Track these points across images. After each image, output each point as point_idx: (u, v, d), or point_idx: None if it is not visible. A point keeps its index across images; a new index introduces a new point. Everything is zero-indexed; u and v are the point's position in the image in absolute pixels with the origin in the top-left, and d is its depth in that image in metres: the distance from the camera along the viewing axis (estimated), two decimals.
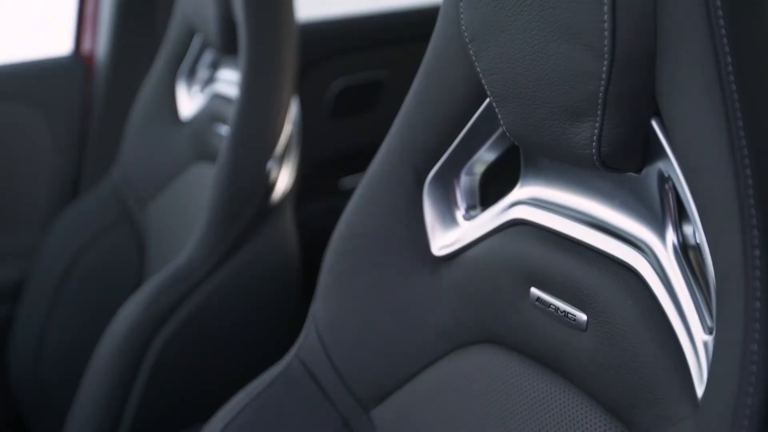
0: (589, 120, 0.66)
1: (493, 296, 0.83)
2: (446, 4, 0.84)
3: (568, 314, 0.74)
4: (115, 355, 1.25)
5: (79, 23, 1.96)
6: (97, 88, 1.93)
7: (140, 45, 1.92)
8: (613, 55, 0.62)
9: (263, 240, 1.36)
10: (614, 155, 0.67)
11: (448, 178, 0.88)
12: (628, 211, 0.72)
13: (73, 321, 1.68)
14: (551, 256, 0.77)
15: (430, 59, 0.86)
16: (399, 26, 2.20)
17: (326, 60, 2.04)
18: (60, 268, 1.68)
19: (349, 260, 0.94)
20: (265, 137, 1.32)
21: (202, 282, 1.30)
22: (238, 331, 1.36)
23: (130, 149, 1.71)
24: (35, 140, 1.88)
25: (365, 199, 0.93)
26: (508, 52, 0.72)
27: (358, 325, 0.93)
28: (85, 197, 1.77)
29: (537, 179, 0.81)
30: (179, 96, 1.62)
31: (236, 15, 1.35)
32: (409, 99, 0.89)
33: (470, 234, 0.86)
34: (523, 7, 0.69)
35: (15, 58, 1.91)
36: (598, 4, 0.62)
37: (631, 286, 0.70)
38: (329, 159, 2.13)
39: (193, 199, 1.53)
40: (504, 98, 0.74)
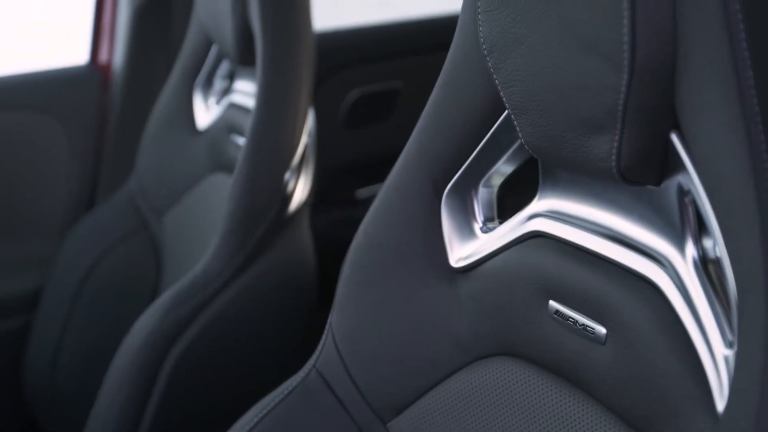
0: (608, 133, 0.66)
1: (511, 309, 0.83)
2: (464, 16, 0.84)
3: (587, 327, 0.74)
4: (131, 365, 1.25)
5: (96, 33, 1.97)
6: (113, 98, 1.93)
7: (157, 55, 1.93)
8: (632, 68, 0.62)
9: (279, 250, 1.36)
10: (633, 168, 0.67)
11: (466, 190, 0.88)
12: (647, 224, 0.72)
13: (89, 330, 1.68)
14: (570, 269, 0.76)
15: (449, 70, 0.87)
16: (414, 36, 2.21)
17: (341, 70, 2.04)
18: (76, 277, 1.68)
19: (367, 271, 0.94)
20: (282, 148, 1.33)
21: (218, 293, 1.30)
22: (254, 342, 1.37)
23: (146, 159, 1.71)
24: (52, 150, 1.88)
25: (383, 210, 0.93)
26: (526, 64, 0.72)
27: (376, 336, 0.93)
28: (101, 207, 1.77)
29: (555, 191, 0.80)
30: (196, 106, 1.63)
31: (253, 26, 1.35)
32: (427, 110, 0.89)
33: (488, 246, 0.86)
34: (542, 19, 0.69)
35: (32, 67, 1.92)
36: (618, 17, 0.62)
37: (651, 299, 0.70)
38: (344, 169, 2.13)
39: (210, 210, 1.53)
40: (523, 110, 0.74)
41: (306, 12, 1.36)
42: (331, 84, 2.01)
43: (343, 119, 2.06)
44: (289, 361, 1.38)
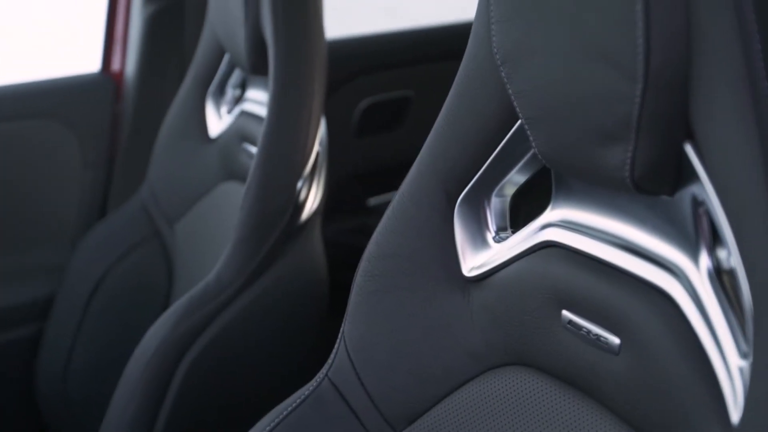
0: (622, 142, 0.66)
1: (524, 318, 0.82)
2: (477, 26, 0.85)
3: (600, 337, 0.74)
4: (144, 373, 1.25)
5: (108, 41, 1.98)
6: (125, 106, 1.94)
7: (169, 63, 1.93)
8: (646, 77, 0.62)
9: (291, 259, 1.36)
10: (647, 178, 0.67)
11: (479, 200, 0.88)
12: (660, 234, 0.72)
13: (101, 338, 1.69)
14: (583, 279, 0.76)
15: (462, 80, 0.87)
16: (425, 45, 2.21)
17: (353, 79, 2.05)
18: (88, 285, 1.69)
19: (379, 281, 0.94)
20: (295, 157, 1.33)
21: (230, 301, 1.30)
22: (266, 350, 1.37)
23: (158, 167, 1.72)
24: (64, 158, 1.89)
25: (395, 220, 0.93)
26: (540, 74, 0.72)
27: (388, 345, 0.93)
28: (113, 215, 1.78)
29: (568, 201, 0.80)
30: (208, 115, 1.63)
31: (265, 35, 1.36)
32: (440, 120, 0.89)
33: (501, 256, 0.86)
34: (555, 29, 0.69)
35: (44, 75, 1.93)
36: (631, 26, 0.62)
37: (664, 310, 0.70)
38: (355, 177, 2.13)
39: (221, 218, 1.54)
40: (536, 120, 0.74)
41: (318, 21, 1.37)
42: (342, 92, 2.01)
43: (354, 128, 2.07)
44: (300, 369, 1.39)
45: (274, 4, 1.31)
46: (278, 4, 1.31)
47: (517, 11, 0.73)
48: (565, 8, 0.68)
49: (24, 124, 1.85)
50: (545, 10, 0.70)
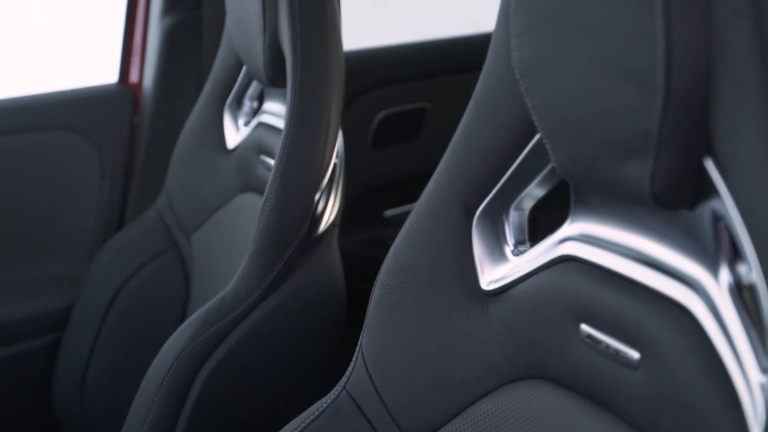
0: (642, 157, 0.66)
1: (543, 332, 0.82)
2: (496, 40, 0.85)
3: (619, 352, 0.74)
4: (162, 385, 1.25)
5: (126, 53, 1.99)
6: (143, 118, 1.95)
7: (187, 75, 1.94)
8: (667, 92, 0.62)
9: (309, 271, 1.36)
10: (667, 192, 0.67)
11: (497, 213, 0.89)
12: (680, 248, 0.71)
13: (118, 348, 1.69)
14: (602, 293, 0.76)
15: (480, 93, 0.87)
16: (441, 57, 2.21)
17: (369, 91, 2.05)
18: (106, 296, 1.70)
19: (397, 294, 0.94)
20: (312, 169, 1.33)
21: (248, 312, 1.30)
22: (283, 361, 1.37)
23: (175, 179, 1.73)
24: (82, 168, 1.90)
25: (414, 233, 0.94)
26: (559, 88, 0.72)
27: (406, 358, 0.93)
28: (131, 226, 1.79)
29: (587, 215, 0.80)
30: (226, 127, 1.64)
31: (283, 48, 1.36)
32: (459, 133, 0.90)
33: (519, 269, 0.86)
34: (575, 44, 0.69)
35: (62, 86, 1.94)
36: (652, 41, 0.62)
37: (684, 325, 0.70)
38: (372, 189, 2.13)
39: (238, 229, 1.54)
40: (555, 134, 0.74)
41: (336, 33, 1.37)
42: (358, 104, 2.02)
43: (370, 139, 2.07)
44: (317, 380, 1.39)
45: (292, 17, 1.31)
46: (296, 16, 1.31)
47: (536, 25, 0.73)
48: (585, 22, 0.68)
49: (42, 136, 1.86)
50: (565, 24, 0.70)
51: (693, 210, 0.69)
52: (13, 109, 1.84)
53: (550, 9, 0.71)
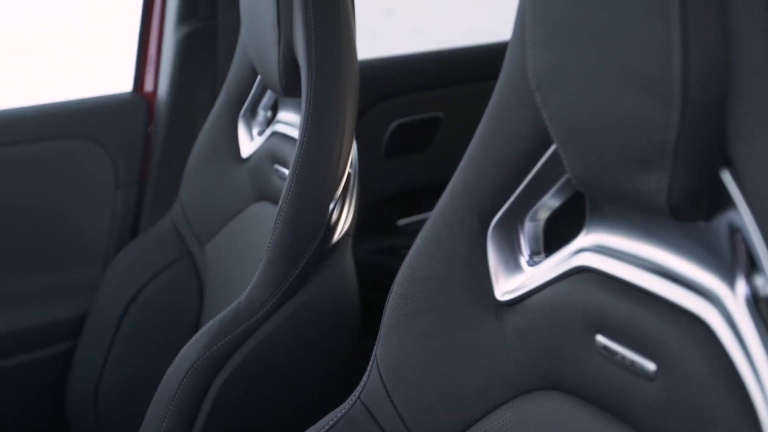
0: (658, 169, 0.66)
1: (558, 343, 0.82)
2: (512, 50, 0.85)
3: (635, 363, 0.74)
4: (177, 394, 1.26)
5: (140, 62, 2.00)
6: (157, 126, 1.95)
7: (201, 84, 1.95)
8: (684, 104, 0.62)
9: (323, 280, 1.36)
10: (683, 204, 0.67)
11: (512, 224, 0.89)
12: (696, 260, 0.71)
13: (132, 357, 1.70)
14: (617, 304, 0.76)
15: (496, 104, 0.87)
16: (454, 66, 2.22)
17: (382, 100, 2.06)
18: (120, 305, 1.70)
19: (412, 303, 0.94)
20: (327, 179, 1.33)
21: (262, 322, 1.30)
22: (298, 371, 1.37)
23: (190, 187, 1.73)
24: (97, 177, 1.91)
25: (428, 243, 0.94)
26: (574, 99, 0.72)
27: (421, 368, 0.93)
28: (145, 235, 1.79)
29: (602, 226, 0.80)
30: (240, 136, 1.64)
31: (298, 57, 1.36)
32: (474, 143, 0.90)
33: (534, 280, 0.86)
34: (590, 55, 0.69)
35: (77, 95, 1.95)
36: (669, 52, 0.62)
37: (700, 336, 0.69)
38: (385, 198, 2.14)
39: (252, 238, 1.55)
40: (570, 145, 0.75)
41: (350, 43, 1.37)
42: (371, 114, 2.02)
43: (383, 149, 2.07)
44: (331, 389, 1.39)
45: (307, 27, 1.32)
46: (311, 27, 1.32)
47: (552, 36, 0.73)
48: (601, 33, 0.68)
49: (57, 144, 1.87)
50: (581, 35, 0.70)
51: (709, 221, 0.69)
52: (29, 118, 1.85)
53: (565, 20, 0.71)
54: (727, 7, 0.62)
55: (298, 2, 1.33)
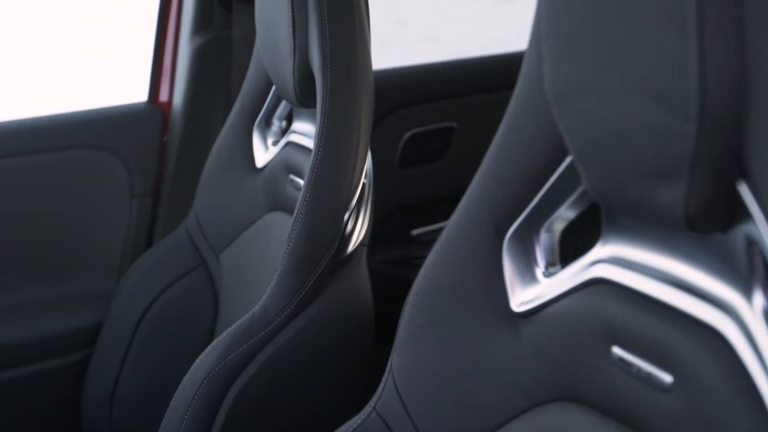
0: (675, 182, 0.66)
1: (574, 354, 0.82)
2: (528, 62, 0.85)
3: (651, 375, 0.74)
4: (192, 404, 1.26)
5: (156, 72, 2.01)
6: (172, 136, 1.96)
7: (216, 94, 1.95)
8: (701, 117, 0.62)
9: (338, 290, 1.37)
10: (700, 216, 0.67)
11: (528, 235, 0.89)
12: (712, 272, 0.71)
13: (146, 367, 1.70)
14: (634, 316, 0.76)
15: (512, 115, 0.87)
16: (468, 76, 2.22)
17: (396, 110, 2.06)
18: (135, 313, 1.71)
19: (427, 314, 0.94)
20: (342, 189, 1.34)
21: (277, 332, 1.31)
22: (312, 380, 1.37)
23: (204, 197, 1.74)
24: (112, 187, 1.92)
25: (444, 253, 0.94)
26: (591, 112, 0.72)
27: (436, 379, 0.93)
28: (160, 244, 1.80)
29: (619, 238, 0.80)
30: (255, 146, 1.65)
31: (313, 68, 1.37)
32: (490, 154, 0.90)
33: (550, 291, 0.86)
34: (607, 67, 0.69)
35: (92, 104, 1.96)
36: (686, 65, 0.62)
37: (717, 348, 0.69)
38: (399, 208, 2.14)
39: (267, 248, 1.55)
40: (587, 157, 0.75)
41: (365, 53, 1.38)
42: (386, 124, 2.03)
43: (397, 159, 2.08)
44: (345, 399, 1.39)
45: (322, 38, 1.32)
46: (326, 37, 1.32)
47: (569, 48, 0.73)
48: (618, 46, 0.68)
49: (72, 154, 1.88)
50: (597, 47, 0.70)
51: (726, 234, 0.69)
52: (44, 128, 1.87)
53: (582, 33, 0.71)
54: (745, 20, 0.62)
55: (313, 13, 1.34)
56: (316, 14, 1.33)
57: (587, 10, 0.70)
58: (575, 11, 0.72)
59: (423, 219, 2.19)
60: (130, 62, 2.31)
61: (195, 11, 1.92)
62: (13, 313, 1.82)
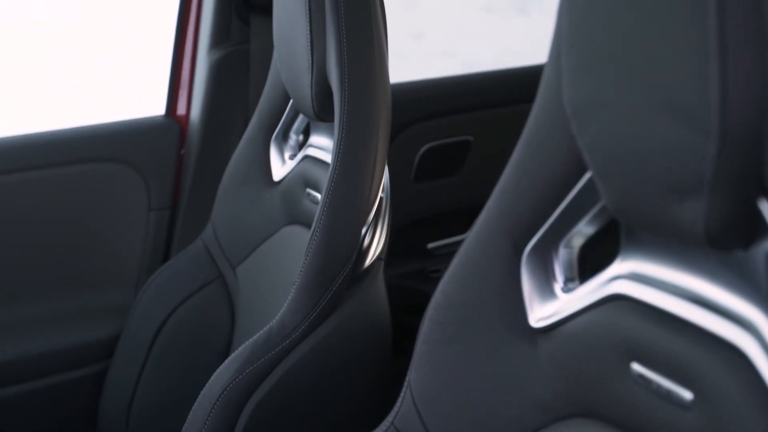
0: (695, 199, 0.66)
1: (592, 370, 0.82)
2: (547, 78, 0.85)
3: (671, 392, 0.74)
4: (209, 417, 1.26)
5: (173, 86, 2.01)
6: (190, 150, 1.97)
7: (234, 108, 1.96)
8: (723, 135, 0.62)
9: (355, 305, 1.37)
10: (721, 233, 0.67)
11: (547, 250, 0.88)
12: (733, 288, 0.71)
13: (163, 379, 1.71)
14: (653, 333, 0.76)
15: (531, 131, 0.87)
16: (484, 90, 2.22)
17: (412, 124, 2.06)
18: (152, 327, 1.71)
19: (445, 329, 0.94)
20: (360, 203, 1.34)
21: (294, 346, 1.31)
22: (329, 394, 1.37)
23: (221, 210, 1.74)
24: (130, 200, 1.92)
25: (462, 269, 0.94)
26: (611, 128, 0.72)
27: (454, 394, 0.93)
28: (177, 257, 1.80)
29: (638, 254, 0.80)
30: (272, 160, 1.66)
31: (331, 82, 1.37)
32: (509, 169, 0.90)
33: (569, 307, 0.86)
34: (628, 83, 0.69)
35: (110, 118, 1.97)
36: (707, 82, 0.62)
37: (737, 365, 0.69)
38: (415, 221, 2.14)
39: (284, 262, 1.55)
40: (606, 173, 0.75)
41: (383, 68, 1.38)
42: (402, 137, 2.03)
43: (414, 172, 2.08)
44: (362, 413, 1.39)
45: (340, 53, 1.33)
46: (344, 52, 1.33)
47: (589, 64, 0.73)
48: (638, 62, 0.68)
49: (90, 167, 1.89)
50: (618, 63, 0.70)
51: (747, 250, 0.69)
52: (63, 141, 1.88)
53: (602, 48, 0.71)
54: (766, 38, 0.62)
55: (331, 28, 1.34)
56: (334, 28, 1.33)
57: (608, 25, 0.70)
58: (595, 27, 0.72)
59: (439, 232, 2.19)
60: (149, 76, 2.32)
61: (213, 25, 1.93)
62: (31, 325, 1.83)
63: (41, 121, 1.99)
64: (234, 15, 1.95)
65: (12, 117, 2.94)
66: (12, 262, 1.83)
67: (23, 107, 3.16)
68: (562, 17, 0.76)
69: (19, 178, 1.82)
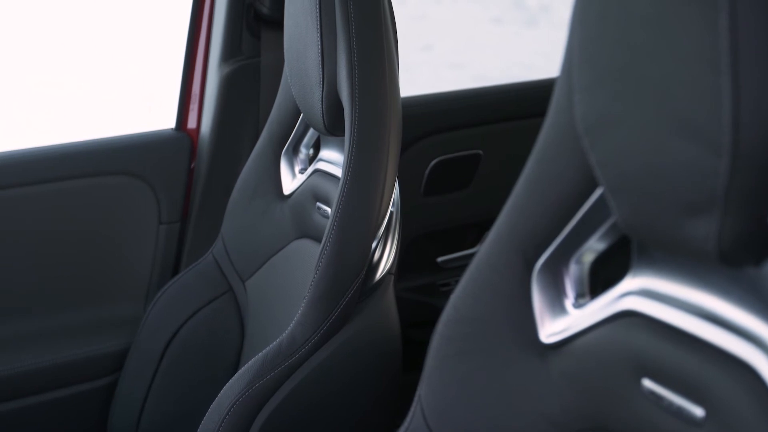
0: (707, 216, 0.66)
1: (603, 386, 0.82)
2: (558, 94, 0.85)
3: (682, 409, 0.73)
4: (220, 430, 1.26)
5: (184, 100, 2.02)
6: (200, 163, 1.97)
7: (244, 122, 1.97)
8: (735, 152, 0.62)
9: (365, 319, 1.37)
10: (733, 250, 0.67)
11: (558, 266, 0.88)
12: (744, 305, 0.71)
13: (173, 392, 1.71)
14: (665, 349, 0.76)
15: (542, 147, 0.87)
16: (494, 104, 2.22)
17: (422, 138, 2.06)
18: (161, 340, 1.71)
19: (456, 345, 0.94)
20: (370, 217, 1.34)
21: (304, 360, 1.31)
22: (339, 408, 1.37)
23: (232, 224, 1.74)
24: (141, 213, 1.93)
25: (473, 284, 0.94)
26: (623, 145, 0.72)
27: (464, 410, 0.93)
28: (187, 271, 1.81)
29: (649, 270, 0.80)
30: (282, 173, 1.66)
31: (341, 97, 1.38)
32: (520, 184, 0.90)
33: (580, 323, 0.85)
34: (639, 100, 0.69)
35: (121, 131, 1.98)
36: (719, 100, 0.62)
37: (748, 382, 0.69)
38: (425, 235, 2.14)
39: (294, 275, 1.55)
40: (618, 190, 0.75)
41: (394, 82, 1.38)
42: (412, 151, 2.03)
43: (423, 186, 2.08)
44: (373, 425, 1.39)
45: (351, 68, 1.33)
46: (355, 67, 1.33)
47: (601, 81, 0.73)
48: (650, 79, 0.68)
49: (101, 180, 1.90)
50: (629, 80, 0.70)
51: (759, 267, 0.69)
52: (73, 154, 1.88)
53: (614, 65, 0.72)
54: None
55: (342, 42, 1.34)
56: (345, 43, 1.33)
57: (620, 42, 0.70)
58: (608, 43, 0.72)
59: (448, 246, 2.19)
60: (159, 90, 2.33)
61: (224, 39, 1.94)
62: (40, 338, 1.83)
63: (53, 134, 2.00)
64: (245, 29, 1.95)
65: (25, 130, 2.96)
66: (22, 274, 1.84)
67: (36, 120, 3.18)
68: (574, 33, 0.76)
69: (29, 192, 1.82)
